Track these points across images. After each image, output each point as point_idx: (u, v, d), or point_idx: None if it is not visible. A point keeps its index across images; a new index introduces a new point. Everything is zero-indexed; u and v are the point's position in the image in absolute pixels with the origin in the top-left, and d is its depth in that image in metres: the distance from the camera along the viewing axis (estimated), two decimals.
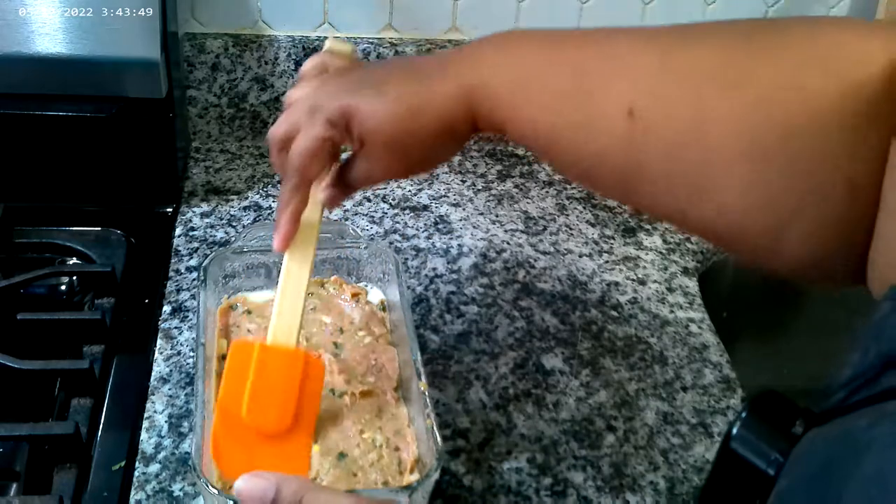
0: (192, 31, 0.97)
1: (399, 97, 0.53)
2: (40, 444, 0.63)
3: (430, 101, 0.53)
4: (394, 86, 0.54)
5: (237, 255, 0.69)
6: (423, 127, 0.53)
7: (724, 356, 0.78)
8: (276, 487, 0.45)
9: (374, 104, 0.53)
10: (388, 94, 0.53)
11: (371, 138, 0.54)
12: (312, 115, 0.54)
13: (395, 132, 0.53)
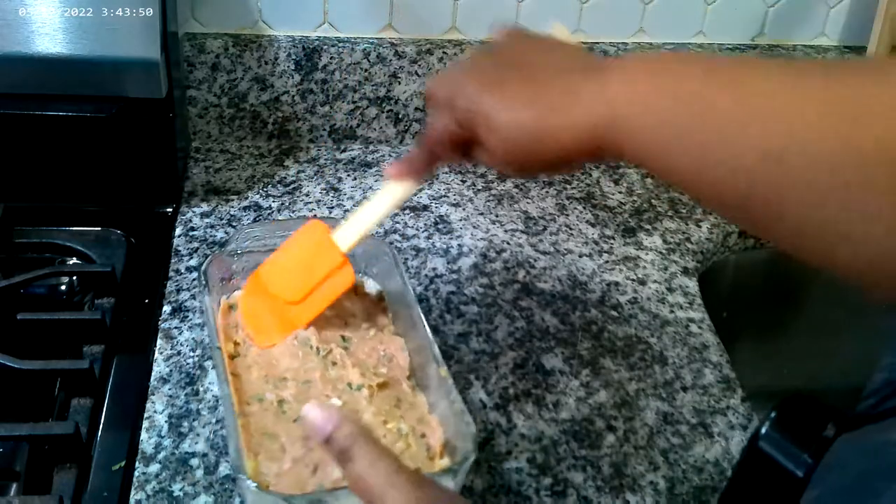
0: (192, 31, 0.97)
1: (526, 119, 0.53)
2: (40, 444, 0.63)
3: (557, 131, 0.52)
4: (527, 100, 0.53)
5: (235, 257, 0.69)
6: (543, 152, 0.53)
7: (724, 356, 0.78)
8: (334, 426, 0.46)
9: (500, 119, 0.54)
10: (517, 109, 0.53)
11: (492, 148, 0.55)
12: (447, 107, 0.57)
13: (515, 152, 0.54)
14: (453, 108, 0.56)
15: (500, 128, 0.54)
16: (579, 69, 0.54)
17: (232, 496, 0.61)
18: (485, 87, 0.55)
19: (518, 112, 0.53)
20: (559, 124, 0.52)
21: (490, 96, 0.54)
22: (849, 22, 1.07)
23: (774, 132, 0.45)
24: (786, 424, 0.43)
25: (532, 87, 0.54)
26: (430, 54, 0.99)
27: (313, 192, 0.95)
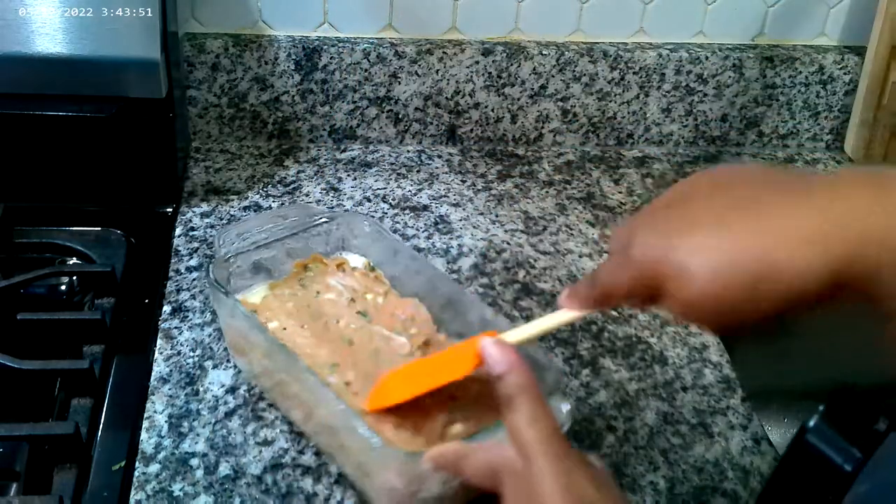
0: (192, 31, 0.97)
1: (734, 260, 0.41)
2: (40, 444, 0.63)
3: (781, 271, 0.40)
4: (727, 237, 0.42)
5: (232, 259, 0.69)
6: (763, 300, 0.41)
7: (724, 356, 0.78)
8: (507, 369, 0.48)
9: (695, 268, 0.42)
10: (717, 249, 0.42)
11: (686, 307, 0.43)
12: (622, 262, 0.47)
13: (722, 304, 0.42)
14: (632, 257, 0.46)
15: (696, 277, 0.42)
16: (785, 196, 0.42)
17: (232, 496, 0.61)
18: (673, 229, 0.44)
19: (724, 244, 0.42)
20: (785, 255, 0.40)
21: (679, 239, 0.43)
22: (849, 22, 1.07)
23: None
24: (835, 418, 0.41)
25: (732, 218, 0.42)
26: (430, 54, 0.99)
27: (313, 192, 0.95)
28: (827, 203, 0.40)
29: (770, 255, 0.40)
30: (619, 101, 1.05)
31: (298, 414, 0.64)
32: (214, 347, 0.73)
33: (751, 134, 1.10)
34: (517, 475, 0.47)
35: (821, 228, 0.40)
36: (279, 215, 0.74)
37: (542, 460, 0.45)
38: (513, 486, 0.48)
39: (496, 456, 0.49)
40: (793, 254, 0.40)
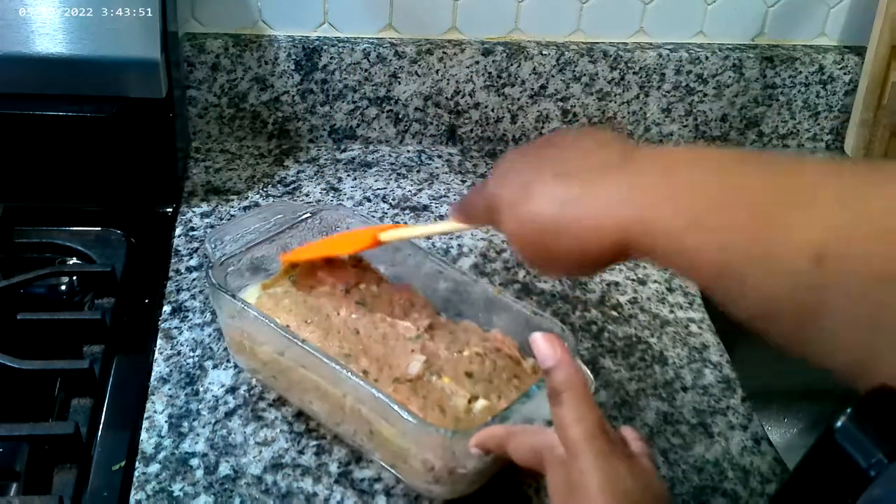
0: (192, 31, 0.97)
1: (549, 203, 0.49)
2: (40, 444, 0.63)
3: (577, 228, 0.48)
4: (546, 193, 0.49)
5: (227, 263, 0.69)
6: (560, 248, 0.49)
7: (724, 356, 0.78)
8: (555, 364, 0.51)
9: (521, 208, 0.50)
10: (537, 200, 0.49)
11: (509, 237, 0.52)
12: (482, 186, 0.55)
13: (531, 244, 0.50)
14: (486, 194, 0.54)
15: (514, 223, 0.51)
16: (601, 164, 0.50)
17: (232, 496, 0.61)
18: (513, 178, 0.53)
19: (536, 207, 0.49)
20: (581, 215, 0.48)
21: (515, 188, 0.52)
22: (849, 22, 1.07)
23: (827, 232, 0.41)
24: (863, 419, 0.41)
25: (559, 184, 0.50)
26: (430, 54, 0.99)
27: (313, 192, 0.95)
28: (625, 178, 0.48)
29: (573, 213, 0.48)
30: (619, 101, 1.05)
31: (321, 406, 0.64)
32: (214, 347, 0.73)
33: (751, 134, 1.10)
34: (562, 465, 0.49)
35: (617, 196, 0.47)
36: (262, 215, 0.74)
37: (587, 458, 0.47)
38: (556, 475, 0.50)
39: (542, 441, 0.52)
40: (587, 217, 0.47)
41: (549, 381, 0.51)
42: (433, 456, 0.57)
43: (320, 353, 0.60)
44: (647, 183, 0.47)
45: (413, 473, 0.60)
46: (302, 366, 0.63)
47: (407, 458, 0.59)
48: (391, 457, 0.61)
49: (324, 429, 0.67)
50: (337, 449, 0.65)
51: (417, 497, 0.62)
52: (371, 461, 0.64)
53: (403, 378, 0.61)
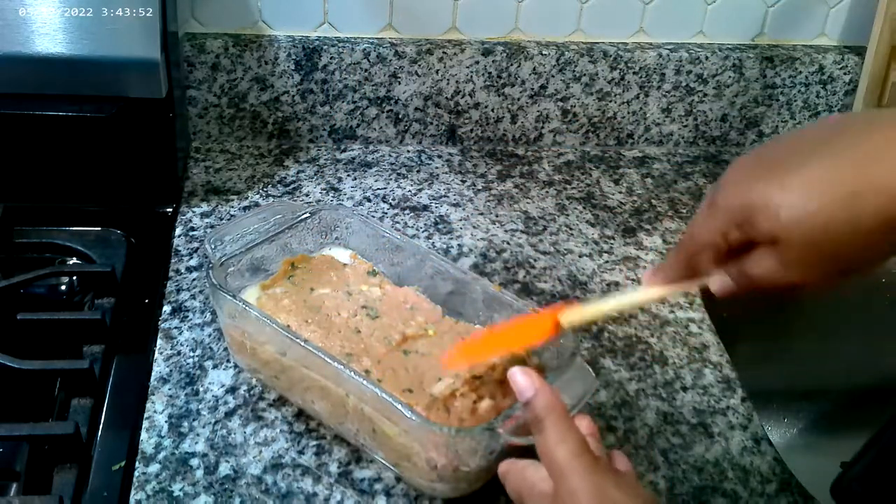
0: (192, 31, 0.97)
1: (826, 183, 0.41)
2: (40, 444, 0.63)
3: (873, 187, 0.40)
4: (814, 163, 0.42)
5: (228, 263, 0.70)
6: (866, 217, 0.41)
7: (724, 356, 0.78)
8: (534, 393, 0.51)
9: (790, 193, 0.42)
10: (809, 178, 0.42)
11: (787, 235, 0.43)
12: (711, 209, 0.47)
13: (821, 227, 0.42)
14: (722, 201, 0.46)
15: (794, 201, 0.42)
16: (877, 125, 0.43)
17: (232, 496, 0.61)
18: (760, 170, 0.45)
19: (814, 173, 0.42)
20: (877, 174, 0.40)
21: (769, 175, 0.44)
22: (849, 22, 1.07)
23: None
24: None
25: (819, 152, 0.43)
26: (430, 54, 0.99)
27: (313, 192, 0.95)
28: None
29: (866, 169, 0.40)
30: (619, 101, 1.05)
31: (323, 406, 0.64)
32: (214, 347, 0.73)
33: (751, 134, 1.10)
34: (543, 499, 0.50)
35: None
36: (262, 215, 0.74)
37: (574, 476, 0.48)
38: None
39: (521, 482, 0.52)
40: (884, 173, 0.40)
41: (531, 410, 0.52)
42: (436, 454, 0.57)
43: (323, 353, 0.60)
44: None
45: (416, 472, 0.60)
46: (304, 365, 0.63)
47: (410, 457, 0.59)
48: (394, 455, 0.61)
49: (324, 429, 0.67)
50: (337, 449, 0.65)
51: (418, 497, 0.62)
52: (371, 461, 0.64)
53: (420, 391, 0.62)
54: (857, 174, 0.41)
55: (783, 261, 0.44)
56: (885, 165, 0.40)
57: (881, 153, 0.41)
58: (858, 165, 0.41)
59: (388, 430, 0.59)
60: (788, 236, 0.43)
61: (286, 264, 0.73)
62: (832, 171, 0.42)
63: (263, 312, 0.64)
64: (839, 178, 0.41)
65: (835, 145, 0.43)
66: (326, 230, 0.76)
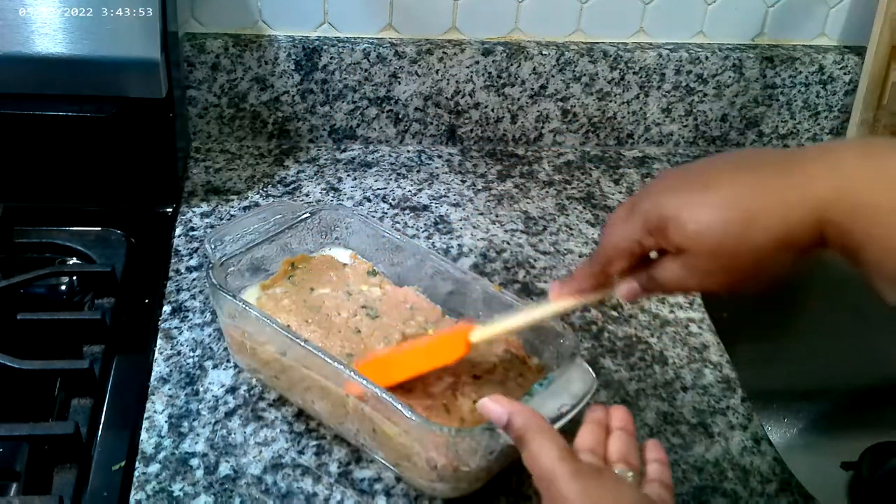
0: (192, 31, 0.97)
1: (729, 200, 0.47)
2: (40, 444, 0.63)
3: (769, 208, 0.46)
4: (725, 186, 0.48)
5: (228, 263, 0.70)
6: (757, 237, 0.46)
7: (724, 356, 0.78)
8: (509, 416, 0.52)
9: (697, 208, 0.48)
10: (715, 195, 0.48)
11: (692, 246, 0.48)
12: (630, 215, 0.51)
13: (723, 240, 0.47)
14: (639, 209, 0.51)
15: (700, 215, 0.47)
16: (775, 155, 0.48)
17: (232, 496, 0.61)
18: (675, 185, 0.50)
19: (721, 191, 0.47)
20: (773, 195, 0.46)
21: (682, 190, 0.49)
22: (849, 22, 1.07)
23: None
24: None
25: (727, 173, 0.48)
26: (430, 54, 0.99)
27: (313, 192, 0.95)
28: (821, 163, 0.46)
29: (761, 194, 0.47)
30: (619, 101, 1.05)
31: (323, 406, 0.64)
32: (214, 347, 0.73)
33: (751, 134, 1.10)
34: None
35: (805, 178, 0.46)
36: (262, 215, 0.75)
37: (560, 481, 0.49)
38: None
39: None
40: (782, 196, 0.46)
41: (510, 432, 0.53)
42: (437, 454, 0.57)
43: (323, 353, 0.60)
44: (847, 165, 0.46)
45: (416, 472, 0.60)
46: (304, 365, 0.63)
47: (410, 457, 0.59)
48: (394, 455, 0.61)
49: (324, 429, 0.67)
50: (337, 449, 0.65)
51: (418, 497, 0.62)
52: (371, 461, 0.64)
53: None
54: (754, 199, 0.47)
55: (688, 268, 0.49)
56: (774, 193, 0.46)
57: (773, 182, 0.47)
58: (755, 191, 0.47)
59: (388, 430, 0.59)
60: (693, 247, 0.48)
61: (286, 264, 0.73)
62: (735, 195, 0.47)
63: (263, 312, 0.64)
64: (739, 200, 0.47)
65: (741, 173, 0.49)
66: (326, 230, 0.76)
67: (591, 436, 0.58)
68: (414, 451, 0.58)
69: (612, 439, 0.58)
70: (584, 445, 0.57)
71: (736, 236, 0.47)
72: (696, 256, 0.48)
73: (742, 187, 0.47)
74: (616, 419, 0.58)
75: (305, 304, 0.69)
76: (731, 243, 0.47)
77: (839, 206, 0.45)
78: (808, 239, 0.46)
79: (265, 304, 0.69)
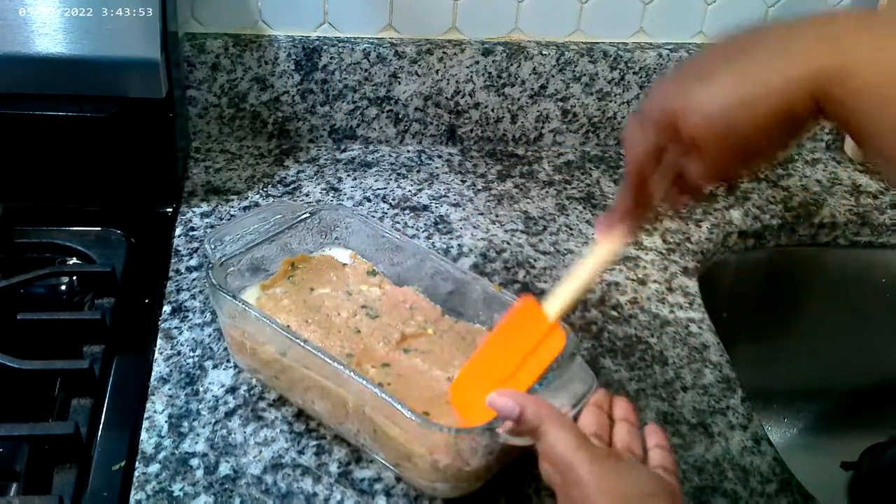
0: (192, 31, 0.97)
1: (730, 85, 0.48)
2: (40, 444, 0.63)
3: (769, 84, 0.47)
4: (722, 73, 0.49)
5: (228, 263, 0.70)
6: (761, 114, 0.48)
7: (724, 356, 0.78)
8: (520, 409, 0.53)
9: (700, 98, 0.49)
10: (715, 82, 0.49)
11: (701, 134, 0.50)
12: (640, 123, 0.53)
13: (729, 123, 0.49)
14: (647, 115, 0.52)
15: (703, 103, 0.49)
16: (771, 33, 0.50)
17: (232, 496, 0.61)
18: (675, 84, 0.51)
19: (720, 78, 0.49)
20: (772, 72, 0.47)
21: (683, 86, 0.50)
22: None
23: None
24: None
25: (723, 61, 0.50)
26: (430, 54, 0.99)
27: (313, 192, 0.95)
28: (809, 37, 0.48)
29: (760, 75, 0.48)
30: (619, 101, 1.05)
31: (324, 406, 0.64)
32: (214, 347, 0.73)
33: None
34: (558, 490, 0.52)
35: (802, 55, 0.47)
36: (262, 215, 0.75)
37: (577, 469, 0.50)
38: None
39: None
40: (778, 72, 0.47)
41: (524, 424, 0.53)
42: (437, 454, 0.57)
43: (323, 353, 0.60)
44: (844, 40, 0.46)
45: (417, 472, 0.60)
46: (304, 366, 0.63)
47: (411, 457, 0.59)
48: (395, 456, 0.61)
49: (324, 429, 0.67)
50: (337, 449, 0.65)
51: (417, 497, 0.62)
52: (371, 461, 0.65)
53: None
54: (755, 80, 0.48)
55: (705, 158, 0.51)
56: (774, 72, 0.47)
57: (771, 61, 0.48)
58: (754, 73, 0.48)
59: (388, 430, 0.59)
60: (703, 135, 0.49)
61: (286, 264, 0.73)
62: (735, 78, 0.49)
63: (263, 312, 0.64)
64: (740, 83, 0.48)
65: (738, 57, 0.49)
66: (326, 230, 0.76)
67: (594, 418, 0.59)
68: (415, 451, 0.58)
69: (617, 428, 0.59)
70: (589, 430, 0.57)
71: (743, 117, 0.48)
72: (710, 144, 0.50)
73: (741, 70, 0.48)
74: (619, 410, 0.59)
75: (305, 304, 0.69)
76: (739, 125, 0.48)
77: (837, 83, 0.46)
78: (808, 112, 0.47)
79: (265, 304, 0.69)
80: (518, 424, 0.53)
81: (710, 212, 0.97)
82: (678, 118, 0.50)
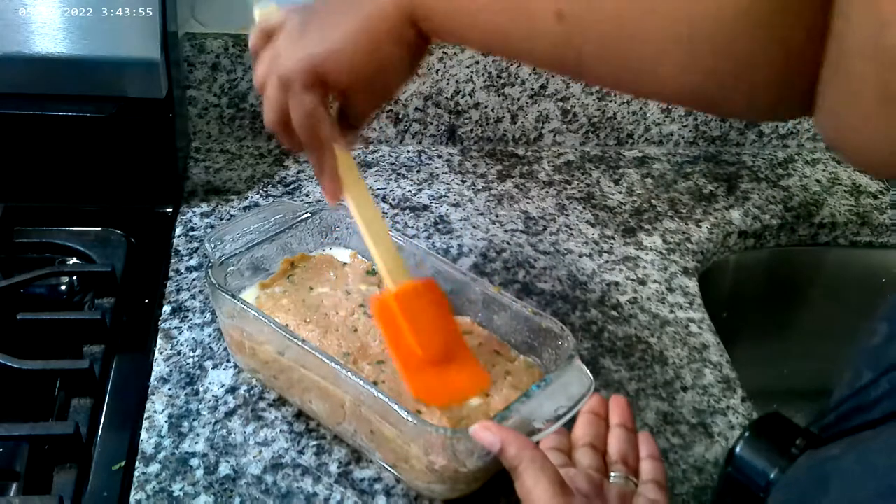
0: (192, 31, 0.97)
1: (349, 39, 0.54)
2: (40, 444, 0.63)
3: (378, 28, 0.54)
4: (339, 28, 0.55)
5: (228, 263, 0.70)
6: (387, 54, 0.55)
7: (724, 356, 0.78)
8: (502, 445, 0.53)
9: (334, 56, 0.54)
10: (338, 39, 0.54)
11: (350, 86, 0.56)
12: (289, 90, 0.56)
13: (368, 72, 0.55)
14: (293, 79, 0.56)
15: (340, 61, 0.54)
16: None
17: (232, 496, 0.61)
18: (304, 42, 0.56)
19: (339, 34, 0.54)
20: (373, 17, 0.54)
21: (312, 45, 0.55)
22: None
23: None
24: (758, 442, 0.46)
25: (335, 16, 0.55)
26: (429, 54, 0.99)
27: (313, 192, 0.95)
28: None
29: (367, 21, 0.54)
30: (619, 101, 1.05)
31: (321, 406, 0.64)
32: (214, 347, 0.73)
33: (751, 134, 1.10)
34: None
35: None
36: (262, 215, 0.75)
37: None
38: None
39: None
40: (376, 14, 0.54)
41: (503, 460, 0.53)
42: (434, 455, 0.57)
43: (320, 353, 0.60)
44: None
45: (413, 473, 0.60)
46: (302, 365, 0.63)
47: (408, 458, 0.59)
48: (392, 456, 0.61)
49: (324, 429, 0.67)
50: (337, 449, 0.65)
51: (417, 497, 0.62)
52: (371, 461, 0.65)
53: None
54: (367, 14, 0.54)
55: (357, 103, 0.58)
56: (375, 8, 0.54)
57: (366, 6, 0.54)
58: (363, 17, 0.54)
59: (385, 430, 0.59)
60: (347, 81, 0.55)
61: (286, 263, 0.73)
62: (352, 26, 0.54)
63: (262, 312, 0.64)
64: (356, 28, 0.54)
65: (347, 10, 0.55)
66: (326, 230, 0.76)
67: (590, 428, 0.58)
68: (411, 452, 0.58)
69: (612, 437, 0.59)
70: (584, 440, 0.57)
71: (373, 64, 0.55)
72: (356, 93, 0.57)
73: (352, 23, 0.54)
74: (615, 414, 0.59)
75: (304, 303, 0.69)
76: (373, 72, 0.55)
77: (418, 10, 0.53)
78: (411, 35, 0.55)
79: (264, 303, 0.69)
80: (500, 457, 0.53)
81: (710, 212, 0.97)
82: (325, 75, 0.55)
